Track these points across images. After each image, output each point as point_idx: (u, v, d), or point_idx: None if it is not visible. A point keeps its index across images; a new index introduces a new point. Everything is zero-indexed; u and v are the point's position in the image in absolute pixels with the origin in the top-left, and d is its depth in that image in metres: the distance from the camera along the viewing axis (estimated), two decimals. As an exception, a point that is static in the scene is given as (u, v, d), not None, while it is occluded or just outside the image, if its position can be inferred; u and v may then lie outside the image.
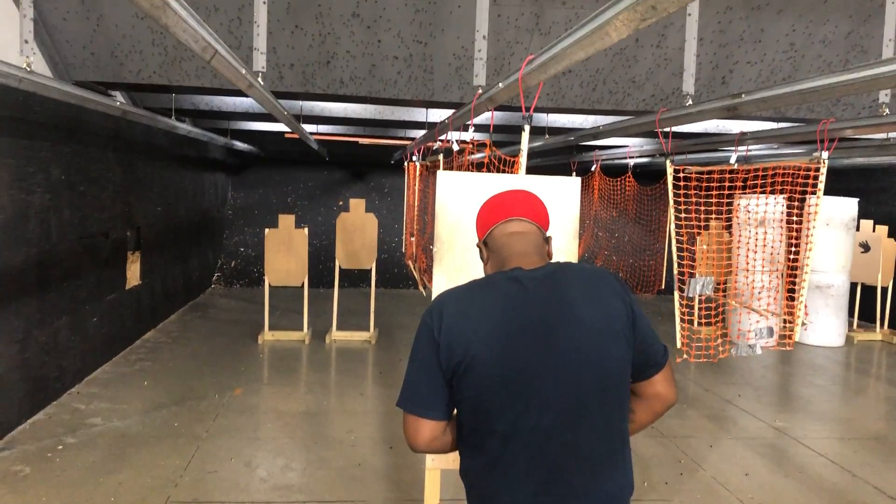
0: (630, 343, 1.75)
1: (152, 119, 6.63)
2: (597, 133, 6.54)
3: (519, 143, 3.35)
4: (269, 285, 8.37)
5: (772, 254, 7.94)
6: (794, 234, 6.01)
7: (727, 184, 5.83)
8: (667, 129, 4.92)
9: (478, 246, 1.98)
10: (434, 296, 2.79)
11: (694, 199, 5.69)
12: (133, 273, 7.88)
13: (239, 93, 5.71)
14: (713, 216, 6.36)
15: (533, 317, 1.71)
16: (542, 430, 1.68)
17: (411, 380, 1.79)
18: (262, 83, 4.07)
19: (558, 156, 11.33)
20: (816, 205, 4.80)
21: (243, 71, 3.61)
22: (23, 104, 5.16)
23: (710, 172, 5.81)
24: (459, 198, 2.80)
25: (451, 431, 1.81)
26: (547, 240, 1.93)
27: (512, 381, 1.68)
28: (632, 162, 9.93)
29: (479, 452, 1.75)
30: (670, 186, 5.16)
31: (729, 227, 8.97)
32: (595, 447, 1.72)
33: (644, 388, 1.84)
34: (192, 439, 5.16)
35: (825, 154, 4.61)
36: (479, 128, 7.99)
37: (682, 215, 5.56)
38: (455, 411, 1.80)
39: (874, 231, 9.77)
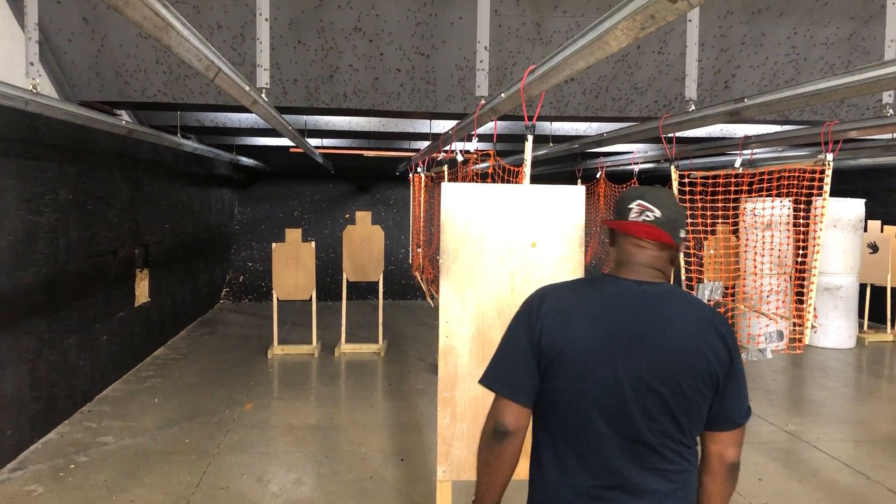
0: (714, 387, 1.73)
1: (158, 137, 6.67)
2: (601, 140, 6.54)
3: (523, 151, 3.36)
4: (278, 299, 8.39)
5: (779, 257, 7.91)
6: (802, 236, 5.99)
7: (733, 188, 5.82)
8: (670, 135, 4.92)
9: (606, 226, 1.96)
10: (441, 307, 2.79)
11: (700, 204, 5.69)
12: (142, 290, 7.91)
13: (243, 109, 5.74)
14: (719, 220, 6.35)
15: (629, 325, 1.71)
16: (615, 435, 1.70)
17: (503, 359, 1.80)
18: (265, 99, 4.10)
19: (563, 163, 11.33)
20: (823, 206, 4.78)
21: (247, 88, 3.64)
22: (29, 126, 5.21)
23: (715, 177, 5.81)
24: (464, 209, 2.80)
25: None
26: (673, 257, 1.86)
27: (595, 381, 1.69)
28: (637, 168, 9.92)
29: (547, 448, 1.78)
30: (675, 192, 5.16)
31: (736, 231, 8.95)
32: (660, 462, 1.72)
33: (708, 442, 1.81)
34: (203, 455, 5.17)
35: (830, 156, 4.60)
36: (483, 138, 8.03)
37: (689, 220, 5.55)
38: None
39: (882, 231, 9.72)
